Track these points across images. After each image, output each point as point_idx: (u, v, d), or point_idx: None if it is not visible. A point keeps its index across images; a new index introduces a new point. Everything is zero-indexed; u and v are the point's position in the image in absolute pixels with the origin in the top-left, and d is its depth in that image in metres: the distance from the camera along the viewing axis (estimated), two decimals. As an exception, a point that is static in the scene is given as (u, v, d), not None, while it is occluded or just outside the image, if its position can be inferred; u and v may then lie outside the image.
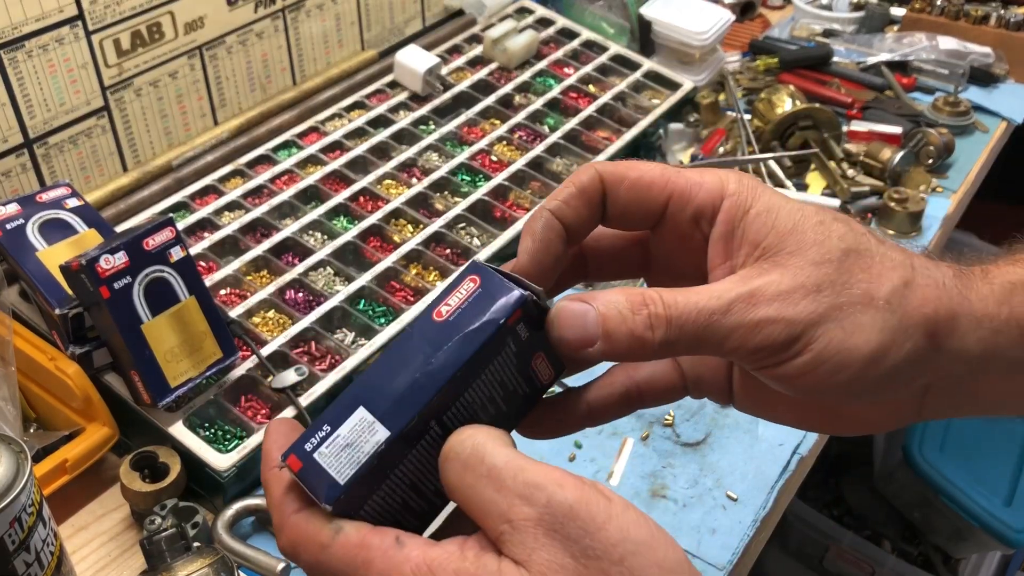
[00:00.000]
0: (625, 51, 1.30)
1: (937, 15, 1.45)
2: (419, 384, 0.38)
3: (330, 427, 0.38)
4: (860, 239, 0.42)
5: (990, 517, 1.29)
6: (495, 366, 0.40)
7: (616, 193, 0.45)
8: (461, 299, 0.40)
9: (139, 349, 0.74)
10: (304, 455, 0.38)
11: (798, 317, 0.39)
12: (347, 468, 0.37)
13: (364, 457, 0.37)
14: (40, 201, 0.86)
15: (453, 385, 0.38)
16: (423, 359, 0.38)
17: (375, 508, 0.38)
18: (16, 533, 0.58)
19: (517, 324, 0.40)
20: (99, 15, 0.94)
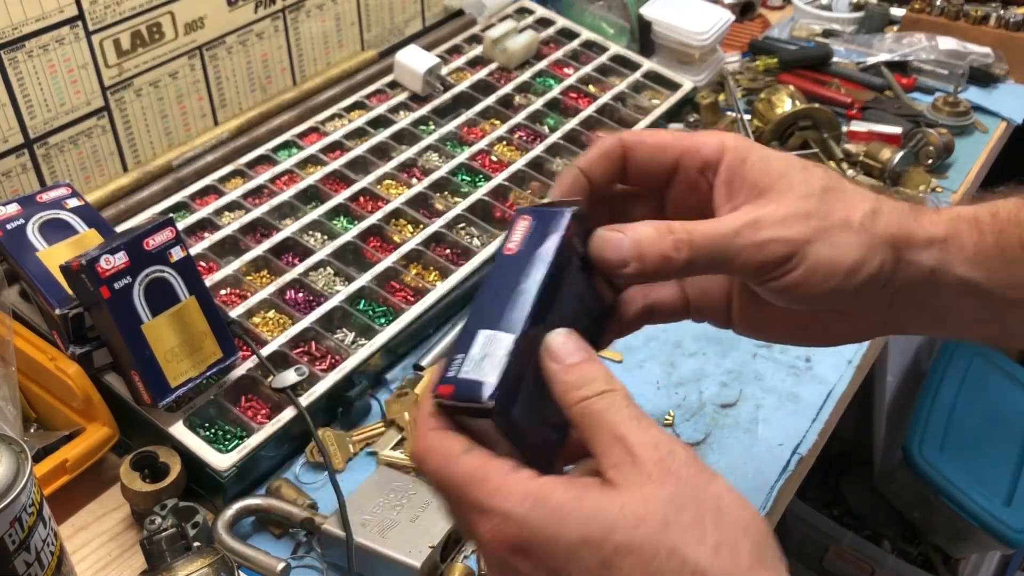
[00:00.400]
0: (625, 51, 1.30)
1: (937, 15, 1.45)
2: (521, 295, 0.44)
3: (462, 354, 0.43)
4: (837, 179, 0.52)
5: (990, 517, 1.29)
6: (570, 277, 0.46)
7: (636, 154, 0.54)
8: (523, 233, 0.47)
9: (139, 349, 0.74)
10: (451, 380, 0.43)
11: (793, 237, 0.50)
12: (491, 372, 0.42)
13: (501, 359, 0.42)
14: (40, 201, 0.86)
15: (547, 290, 0.45)
16: (514, 280, 0.45)
17: (521, 415, 0.44)
18: (16, 533, 0.58)
19: (574, 237, 0.47)
20: (99, 15, 0.94)
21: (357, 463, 0.82)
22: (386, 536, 0.71)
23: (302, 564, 0.74)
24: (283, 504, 0.76)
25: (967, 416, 1.40)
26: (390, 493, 0.75)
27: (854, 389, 0.95)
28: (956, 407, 1.40)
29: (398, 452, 0.82)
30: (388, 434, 0.84)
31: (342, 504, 0.73)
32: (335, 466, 0.80)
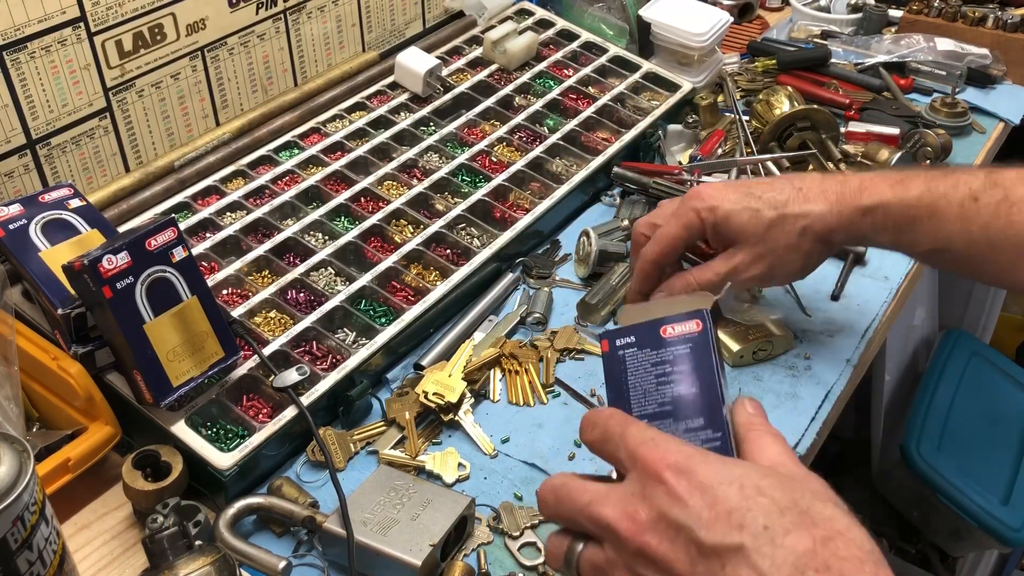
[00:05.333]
0: (624, 53, 1.31)
1: (934, 17, 1.45)
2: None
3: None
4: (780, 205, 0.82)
5: (987, 516, 1.29)
6: None
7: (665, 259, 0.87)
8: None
9: (141, 349, 0.75)
10: None
11: (758, 273, 0.84)
12: None
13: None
14: (43, 202, 0.87)
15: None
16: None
17: None
18: (19, 532, 0.58)
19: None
20: (101, 17, 0.95)
21: (358, 462, 0.83)
22: (387, 534, 0.71)
23: (303, 562, 0.74)
24: (284, 503, 0.76)
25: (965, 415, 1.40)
26: (391, 492, 0.75)
27: (852, 389, 0.95)
28: (954, 406, 1.40)
29: (398, 451, 0.83)
30: (389, 433, 0.85)
31: (343, 503, 0.73)
32: (336, 465, 0.80)
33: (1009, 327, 1.88)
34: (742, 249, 0.83)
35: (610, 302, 0.97)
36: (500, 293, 0.98)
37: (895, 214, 0.79)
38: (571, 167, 1.12)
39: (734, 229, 0.82)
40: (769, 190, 0.83)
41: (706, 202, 0.83)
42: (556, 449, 0.83)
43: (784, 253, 0.82)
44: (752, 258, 0.83)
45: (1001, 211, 0.76)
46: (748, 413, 0.56)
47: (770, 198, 0.82)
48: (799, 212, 0.81)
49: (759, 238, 0.82)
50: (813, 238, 0.81)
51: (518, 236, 1.01)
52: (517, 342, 0.94)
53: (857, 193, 0.80)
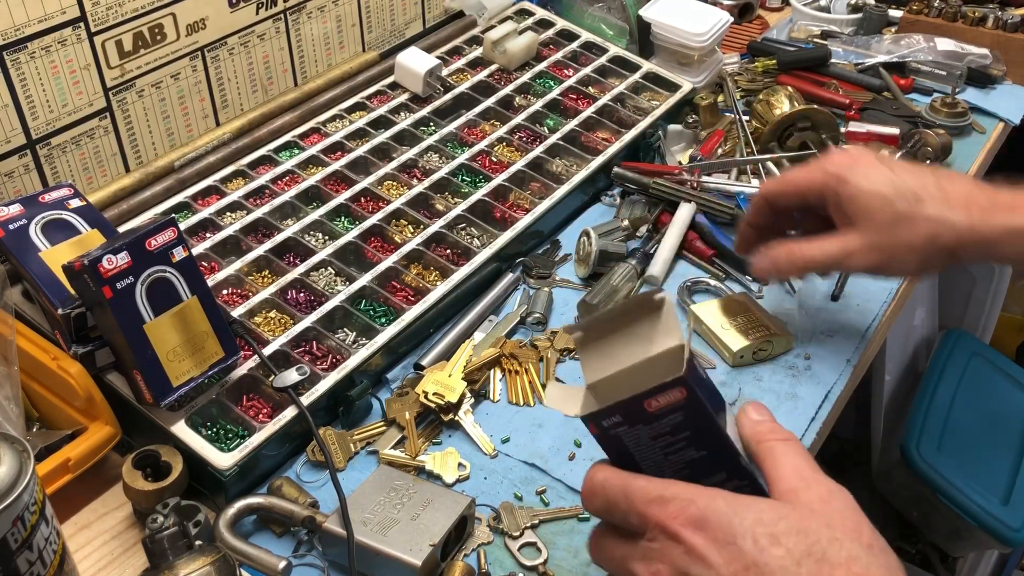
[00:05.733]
0: (624, 53, 1.31)
1: (934, 17, 1.45)
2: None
3: None
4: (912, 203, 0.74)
5: (988, 516, 1.29)
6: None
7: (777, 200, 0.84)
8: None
9: (141, 349, 0.75)
10: None
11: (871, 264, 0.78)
12: None
13: None
14: (43, 202, 0.87)
15: None
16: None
17: None
18: (19, 532, 0.58)
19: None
20: (101, 16, 0.95)
21: (358, 462, 0.83)
22: (387, 534, 0.71)
23: (303, 562, 0.74)
24: (284, 503, 0.76)
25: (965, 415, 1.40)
26: (391, 492, 0.75)
27: (852, 389, 0.95)
28: (954, 406, 1.40)
29: (399, 451, 0.83)
30: (389, 433, 0.85)
31: (343, 503, 0.73)
32: (336, 465, 0.80)
33: (1009, 327, 1.88)
34: (860, 233, 0.76)
35: (610, 302, 0.97)
36: (500, 293, 0.98)
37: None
38: (571, 167, 1.12)
39: (859, 210, 0.76)
40: (910, 178, 0.75)
41: (840, 168, 0.77)
42: (556, 449, 0.83)
43: (904, 253, 0.75)
44: (868, 247, 0.76)
45: None
46: (753, 422, 0.54)
47: (908, 189, 0.75)
48: (934, 216, 0.73)
49: (882, 229, 0.75)
50: (940, 248, 0.74)
51: (518, 236, 1.01)
52: (517, 342, 0.94)
53: (1008, 209, 0.73)
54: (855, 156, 0.78)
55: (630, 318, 0.54)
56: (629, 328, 0.54)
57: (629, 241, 1.05)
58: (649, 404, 0.51)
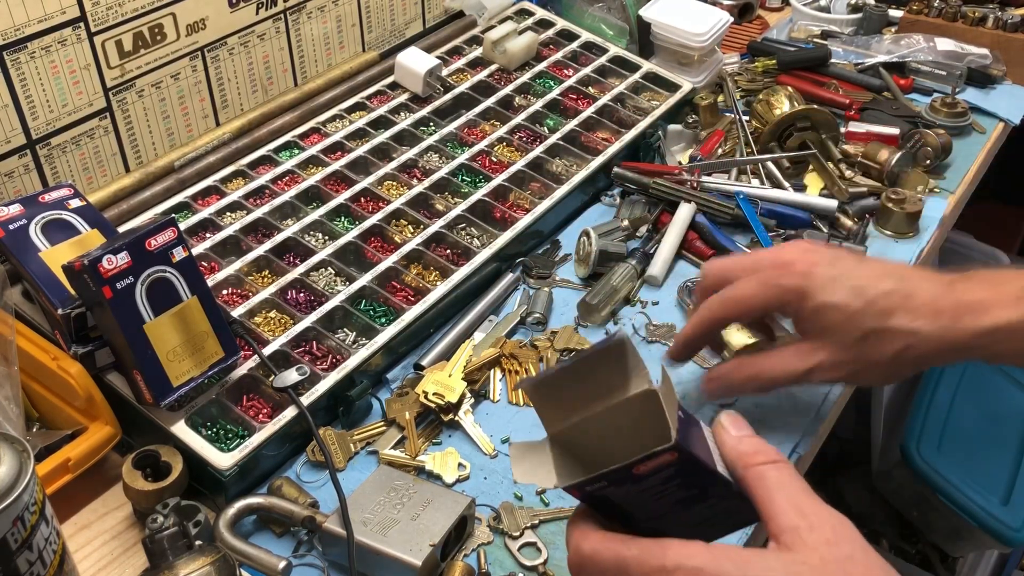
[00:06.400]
0: (624, 53, 1.31)
1: (934, 17, 1.45)
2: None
3: None
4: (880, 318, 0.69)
5: (987, 516, 1.29)
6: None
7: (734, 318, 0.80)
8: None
9: (141, 349, 0.75)
10: None
11: (838, 376, 0.74)
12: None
13: None
14: (43, 202, 0.87)
15: None
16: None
17: None
18: (19, 532, 0.58)
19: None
20: (101, 16, 0.95)
21: (358, 462, 0.83)
22: (387, 534, 0.71)
23: (303, 562, 0.74)
24: (284, 503, 0.76)
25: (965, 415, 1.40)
26: (391, 492, 0.75)
27: (852, 389, 0.95)
28: (954, 406, 1.40)
29: (398, 451, 0.83)
30: (389, 433, 0.85)
31: (343, 503, 0.73)
32: (336, 465, 0.80)
33: (1009, 327, 1.87)
34: (826, 348, 0.72)
35: (610, 302, 0.97)
36: (500, 293, 0.98)
37: (1020, 338, 0.68)
38: (571, 167, 1.12)
39: (825, 326, 0.71)
40: (874, 286, 0.70)
41: (799, 281, 0.71)
42: (556, 449, 0.83)
43: (872, 366, 0.71)
44: (836, 362, 0.72)
45: None
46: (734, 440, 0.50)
47: (875, 300, 0.69)
48: (903, 328, 0.69)
49: (850, 346, 0.70)
50: (911, 359, 0.70)
51: (518, 236, 1.01)
52: (517, 342, 0.94)
53: (975, 314, 0.68)
54: (811, 262, 0.72)
55: (588, 366, 0.50)
56: (589, 375, 0.50)
57: (629, 241, 1.05)
58: (638, 469, 0.48)
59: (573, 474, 0.51)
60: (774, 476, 0.49)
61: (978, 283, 0.70)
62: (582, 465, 0.51)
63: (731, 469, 0.50)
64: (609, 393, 0.50)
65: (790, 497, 0.48)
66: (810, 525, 0.47)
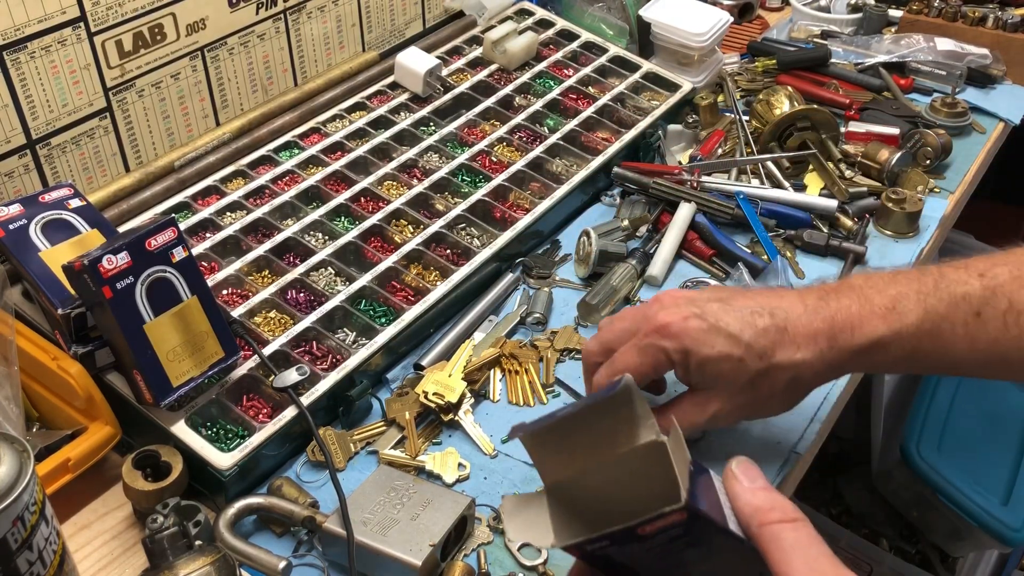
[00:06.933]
0: (624, 53, 1.31)
1: (934, 16, 1.45)
2: None
3: None
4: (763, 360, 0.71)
5: (987, 516, 1.29)
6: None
7: None
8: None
9: (141, 349, 0.75)
10: None
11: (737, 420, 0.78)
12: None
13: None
14: (43, 202, 0.87)
15: None
16: None
17: None
18: (19, 532, 0.58)
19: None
20: (101, 16, 0.95)
21: (358, 462, 0.83)
22: (387, 534, 0.71)
23: (303, 562, 0.74)
24: (284, 503, 0.76)
25: (965, 415, 1.40)
26: (391, 492, 0.75)
27: (852, 388, 0.95)
28: (954, 406, 1.40)
29: (398, 451, 0.83)
30: (389, 433, 0.85)
31: (343, 503, 0.73)
32: (336, 465, 0.80)
33: (1009, 327, 1.87)
34: (720, 396, 0.74)
35: (610, 302, 0.97)
36: (500, 293, 0.98)
37: (894, 350, 0.70)
38: (571, 167, 1.12)
39: (711, 376, 0.73)
40: (748, 327, 0.71)
41: (679, 342, 0.72)
42: (556, 449, 0.83)
43: (768, 401, 0.74)
44: (732, 407, 0.74)
45: (1009, 322, 0.68)
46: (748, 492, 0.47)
47: (753, 341, 0.71)
48: (786, 363, 0.71)
49: (742, 390, 0.73)
50: (801, 385, 0.74)
51: (518, 236, 1.01)
52: (517, 342, 0.94)
53: (848, 332, 0.71)
54: (683, 319, 0.72)
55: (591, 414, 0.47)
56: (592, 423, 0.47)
57: (629, 241, 1.05)
58: (643, 529, 0.44)
59: (573, 532, 0.47)
60: (791, 536, 0.45)
61: (849, 297, 0.72)
62: (582, 520, 0.48)
63: (744, 525, 0.46)
64: (613, 443, 0.47)
65: (808, 560, 0.44)
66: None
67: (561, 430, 0.47)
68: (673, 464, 0.45)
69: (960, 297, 0.69)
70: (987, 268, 0.70)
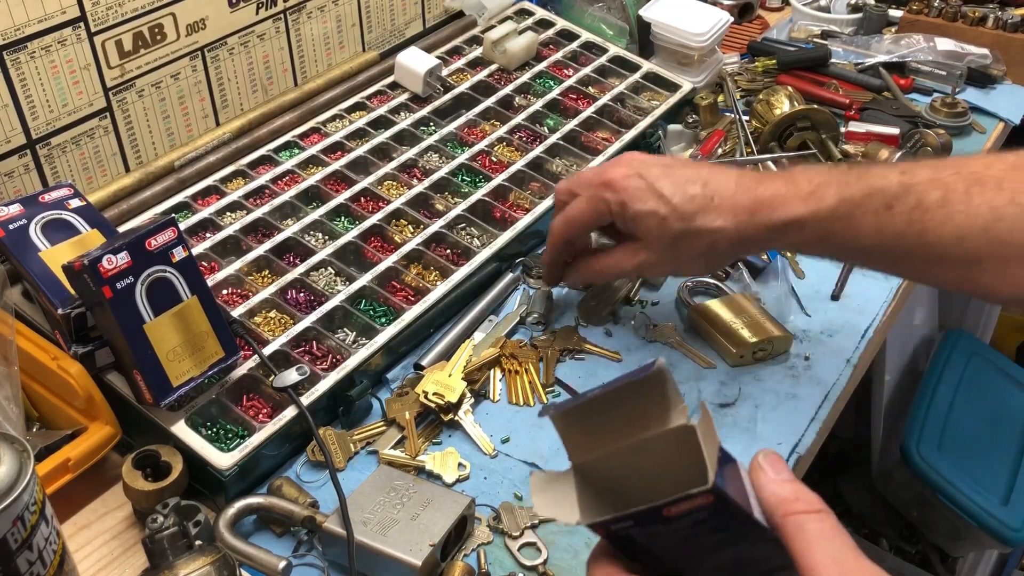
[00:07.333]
0: (624, 53, 1.31)
1: (935, 16, 1.45)
2: None
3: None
4: (687, 219, 0.79)
5: (987, 516, 1.29)
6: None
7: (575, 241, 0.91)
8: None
9: (141, 349, 0.75)
10: None
11: (663, 271, 0.94)
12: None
13: None
14: (43, 201, 0.87)
15: None
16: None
17: None
18: (19, 532, 0.58)
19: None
20: (101, 16, 0.95)
21: (358, 462, 0.83)
22: (387, 534, 0.71)
23: (303, 562, 0.74)
24: (284, 503, 0.76)
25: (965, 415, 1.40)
26: (391, 492, 0.75)
27: (852, 388, 0.95)
28: (954, 406, 1.40)
29: (398, 451, 0.83)
30: (389, 433, 0.85)
31: (343, 502, 0.73)
32: (336, 465, 0.80)
33: (1009, 327, 1.88)
34: (648, 248, 0.83)
35: (610, 302, 0.97)
36: (500, 293, 0.98)
37: (808, 230, 0.76)
38: (571, 167, 1.12)
39: (641, 230, 0.82)
40: (679, 192, 0.80)
41: (619, 196, 0.82)
42: (556, 449, 0.83)
43: (688, 261, 0.83)
44: (657, 260, 0.83)
45: (914, 219, 0.72)
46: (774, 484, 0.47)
47: (680, 204, 0.79)
48: (705, 228, 0.79)
49: (666, 246, 0.81)
50: (719, 252, 0.81)
51: (518, 236, 1.01)
52: (517, 342, 0.94)
53: (768, 208, 0.77)
54: (626, 175, 0.82)
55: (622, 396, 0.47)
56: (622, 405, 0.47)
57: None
58: (669, 510, 0.45)
59: (598, 510, 0.48)
60: (815, 527, 0.45)
61: (777, 181, 0.79)
62: (607, 500, 0.49)
63: (768, 514, 0.47)
64: (643, 426, 0.47)
65: (831, 551, 0.45)
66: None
67: (590, 411, 0.48)
68: (702, 448, 0.45)
69: (877, 189, 0.74)
70: (910, 168, 0.75)
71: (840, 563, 0.44)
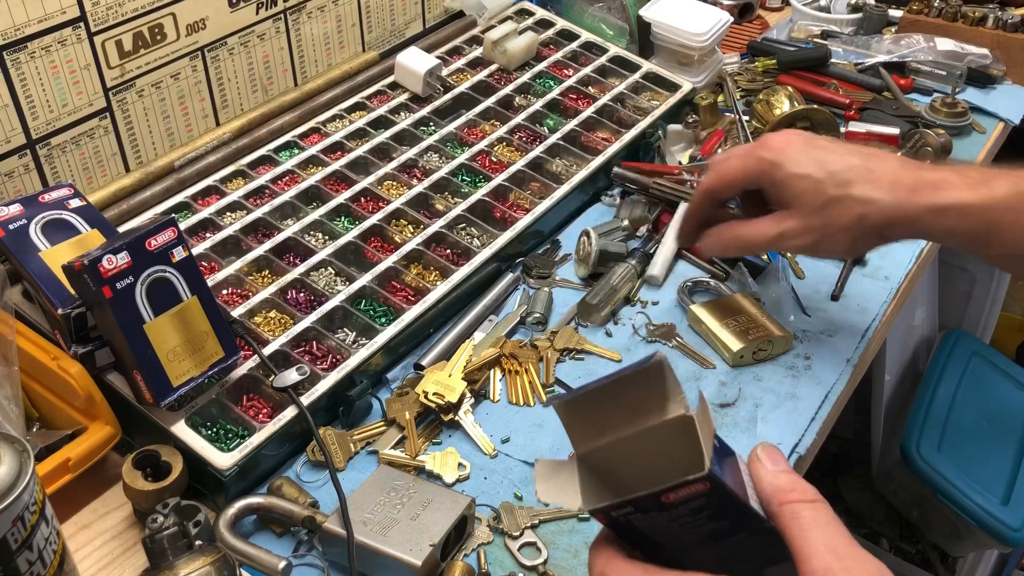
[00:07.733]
0: (624, 53, 1.31)
1: (935, 16, 1.45)
2: None
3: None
4: (841, 186, 0.77)
5: (987, 516, 1.29)
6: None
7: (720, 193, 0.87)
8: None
9: (141, 349, 0.75)
10: None
11: (805, 244, 0.81)
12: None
13: None
14: (43, 202, 0.87)
15: None
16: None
17: None
18: (19, 532, 0.58)
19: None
20: (101, 16, 0.95)
21: (358, 462, 0.83)
22: (387, 534, 0.71)
23: (303, 562, 0.74)
24: (284, 503, 0.76)
25: (965, 415, 1.40)
26: (391, 492, 0.75)
27: (852, 389, 0.95)
28: (954, 406, 1.40)
29: (399, 451, 0.83)
30: (389, 433, 0.85)
31: (343, 502, 0.73)
32: (336, 465, 0.80)
33: (1009, 327, 1.88)
34: (794, 216, 0.80)
35: (610, 302, 0.97)
36: (500, 293, 0.98)
37: (973, 218, 0.74)
38: (571, 167, 1.12)
39: (792, 194, 0.79)
40: (839, 160, 0.78)
41: (774, 154, 0.80)
42: (556, 449, 0.83)
43: (835, 232, 0.79)
44: (803, 228, 0.80)
45: None
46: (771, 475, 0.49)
47: (837, 172, 0.77)
48: (861, 197, 0.76)
49: (814, 212, 0.78)
50: (869, 227, 0.77)
51: (518, 236, 1.01)
52: (517, 342, 0.94)
53: (932, 188, 0.75)
54: (787, 140, 0.81)
55: (623, 387, 0.49)
56: (623, 396, 0.49)
57: (629, 241, 1.05)
58: (667, 497, 0.46)
59: (599, 497, 0.49)
60: (810, 515, 0.47)
61: (945, 168, 0.77)
62: (609, 488, 0.50)
63: (765, 504, 0.49)
64: (643, 416, 0.49)
65: (825, 538, 0.46)
66: (845, 568, 0.45)
67: (593, 401, 0.49)
68: (700, 437, 0.47)
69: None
70: None
71: (834, 549, 0.45)
